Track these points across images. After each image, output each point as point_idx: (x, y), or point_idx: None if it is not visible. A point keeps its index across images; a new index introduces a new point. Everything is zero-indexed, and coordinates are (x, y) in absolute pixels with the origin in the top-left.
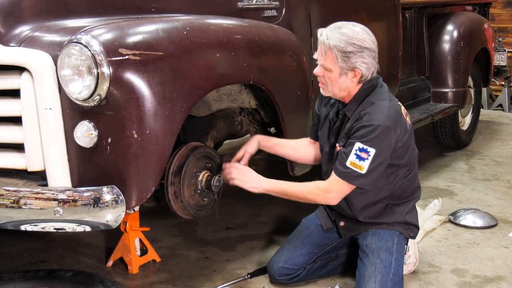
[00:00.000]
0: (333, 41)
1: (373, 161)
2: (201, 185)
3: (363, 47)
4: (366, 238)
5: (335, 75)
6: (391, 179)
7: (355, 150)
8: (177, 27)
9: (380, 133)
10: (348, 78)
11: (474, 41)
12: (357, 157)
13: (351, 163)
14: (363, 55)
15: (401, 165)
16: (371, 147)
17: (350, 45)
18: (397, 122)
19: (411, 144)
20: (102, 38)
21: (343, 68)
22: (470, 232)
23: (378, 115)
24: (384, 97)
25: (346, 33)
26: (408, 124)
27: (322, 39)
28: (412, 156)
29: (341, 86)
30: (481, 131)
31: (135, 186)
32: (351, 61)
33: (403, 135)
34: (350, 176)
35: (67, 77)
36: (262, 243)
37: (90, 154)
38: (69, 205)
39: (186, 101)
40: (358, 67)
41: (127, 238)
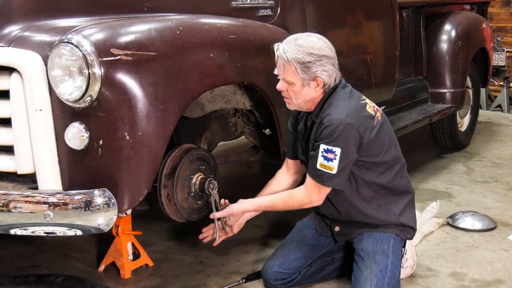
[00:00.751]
0: (290, 53)
1: (341, 160)
2: (194, 188)
3: (321, 55)
4: (362, 242)
5: (298, 87)
6: (373, 177)
7: (321, 152)
8: (170, 27)
9: (342, 131)
10: (311, 88)
11: (472, 40)
12: (325, 159)
13: (321, 165)
14: (322, 63)
15: (378, 162)
16: (335, 147)
17: (308, 55)
18: (358, 119)
19: (387, 139)
20: (93, 38)
21: (304, 79)
22: (469, 235)
23: (337, 114)
24: (344, 97)
25: (302, 44)
26: (377, 119)
27: (279, 53)
28: (391, 152)
29: (305, 97)
30: (480, 132)
31: (127, 189)
32: (311, 70)
33: (369, 131)
34: (323, 178)
35: (57, 77)
36: (257, 247)
37: (81, 157)
38: (60, 208)
39: (179, 102)
40: (319, 75)
41: (119, 242)
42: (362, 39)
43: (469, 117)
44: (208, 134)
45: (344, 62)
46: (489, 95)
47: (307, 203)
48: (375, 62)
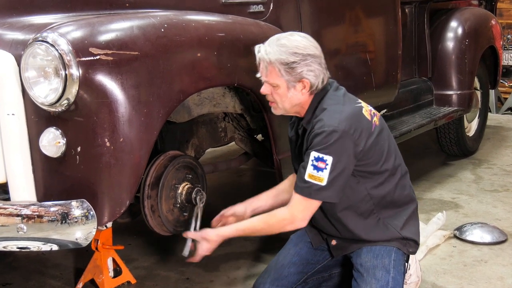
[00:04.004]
0: (273, 55)
1: (333, 170)
2: (180, 198)
3: (306, 54)
4: (360, 256)
5: (283, 90)
6: (370, 187)
7: (312, 161)
8: (153, 24)
9: (335, 139)
10: (297, 90)
11: (480, 38)
12: (315, 168)
13: (310, 176)
14: (307, 62)
15: (377, 172)
16: (327, 155)
17: (292, 55)
18: (353, 125)
19: (386, 147)
20: (71, 36)
21: (289, 81)
22: (477, 248)
23: (330, 120)
24: (337, 101)
25: (285, 44)
26: (375, 125)
27: (261, 55)
28: (390, 160)
29: (291, 100)
30: (489, 138)
31: (107, 199)
32: (296, 71)
33: (366, 138)
34: (311, 191)
35: (31, 79)
36: (248, 262)
37: (58, 165)
38: (34, 221)
39: (164, 106)
40: (305, 76)
41: (99, 257)
42: (361, 37)
43: (477, 121)
44: (195, 140)
45: (342, 62)
46: (498, 97)
47: (288, 223)
48: (375, 62)
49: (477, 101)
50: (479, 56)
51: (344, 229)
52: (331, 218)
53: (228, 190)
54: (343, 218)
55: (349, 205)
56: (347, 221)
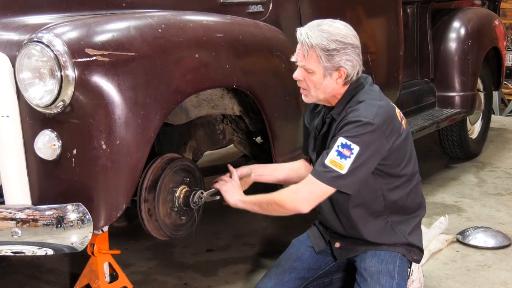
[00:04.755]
0: (314, 39)
1: (356, 161)
2: (178, 202)
3: (346, 43)
4: (365, 260)
5: (319, 77)
6: (385, 189)
7: (337, 146)
8: (151, 25)
9: (367, 130)
10: (333, 79)
11: (483, 39)
12: (339, 154)
13: (331, 161)
14: (347, 51)
15: (396, 175)
16: (355, 144)
17: (333, 42)
18: (387, 122)
19: (409, 152)
20: (66, 36)
21: (327, 68)
22: (481, 253)
23: (366, 112)
24: (374, 96)
25: (327, 30)
26: (403, 128)
27: (303, 38)
28: (410, 165)
29: (325, 89)
30: (493, 140)
31: (103, 203)
32: (335, 59)
33: (395, 138)
34: (327, 176)
35: (26, 80)
36: (247, 267)
37: (53, 168)
38: (29, 225)
39: (161, 108)
40: (343, 65)
41: (95, 262)
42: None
43: (480, 123)
44: (193, 142)
45: None
46: (502, 99)
47: (288, 200)
48: (376, 62)
49: (480, 103)
50: (482, 57)
51: (351, 227)
52: (340, 214)
53: None
54: (354, 215)
55: (361, 202)
56: (356, 219)
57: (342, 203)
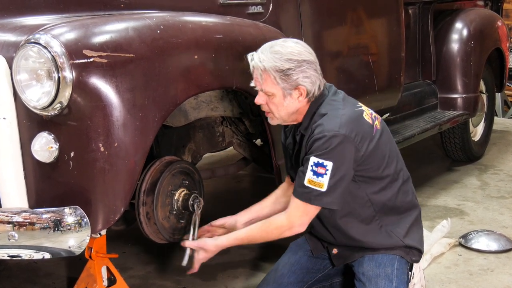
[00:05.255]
0: (267, 62)
1: (333, 176)
2: (177, 205)
3: (301, 60)
4: (362, 265)
5: (279, 98)
6: (371, 193)
7: (311, 166)
8: (149, 26)
9: (335, 144)
10: (293, 98)
11: (486, 40)
12: (314, 173)
13: (309, 181)
14: (303, 69)
15: (379, 177)
16: (327, 160)
17: (286, 62)
18: (354, 129)
19: (387, 152)
20: (64, 38)
21: (285, 88)
22: (484, 257)
23: (330, 125)
24: (337, 106)
25: (279, 51)
26: (376, 129)
27: (255, 63)
28: (392, 165)
29: (288, 109)
30: (495, 142)
31: (101, 206)
32: (292, 78)
33: (367, 143)
34: (310, 196)
35: (23, 82)
36: (246, 271)
37: (50, 170)
38: (26, 228)
39: (159, 110)
40: (301, 83)
41: (93, 266)
42: (363, 39)
43: (483, 125)
44: (192, 145)
45: (343, 64)
46: (505, 101)
47: (286, 229)
48: (378, 64)
49: (482, 105)
50: (484, 58)
51: (344, 237)
52: (329, 227)
53: (226, 196)
54: (343, 225)
55: (349, 211)
56: (347, 228)
57: (329, 216)
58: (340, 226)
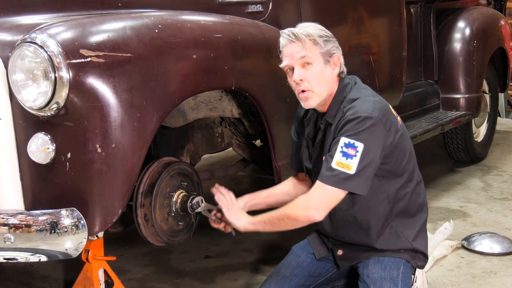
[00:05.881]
0: (309, 29)
1: (363, 159)
2: (175, 207)
3: (330, 34)
4: (368, 267)
5: (320, 66)
6: (390, 190)
7: (341, 147)
8: (147, 25)
9: (368, 125)
10: (331, 68)
11: (489, 39)
12: (344, 155)
13: (338, 163)
14: (334, 40)
15: (399, 173)
16: (358, 141)
17: (322, 31)
18: (385, 115)
19: (408, 149)
20: (61, 37)
21: (325, 54)
22: (487, 259)
23: (364, 107)
24: (368, 93)
25: (311, 25)
26: (399, 123)
27: (297, 32)
28: (411, 163)
29: (327, 81)
30: (499, 143)
31: (98, 208)
32: (329, 45)
33: (394, 132)
34: (337, 179)
35: (19, 82)
36: (246, 274)
37: (47, 172)
38: (22, 231)
39: (158, 110)
40: (336, 52)
41: (90, 269)
42: (364, 38)
43: (486, 126)
44: (191, 145)
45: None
46: (508, 101)
47: (301, 211)
48: (379, 64)
49: (485, 105)
50: (487, 58)
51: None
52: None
53: None
54: (358, 221)
55: (367, 206)
56: (361, 225)
57: (346, 209)
58: (354, 221)
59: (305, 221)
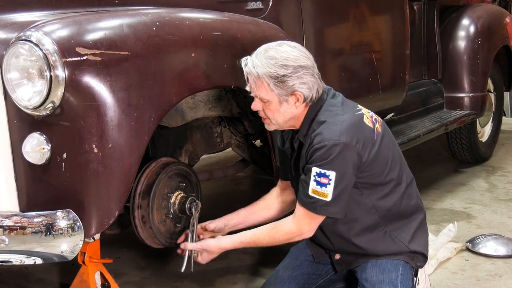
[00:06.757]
0: (261, 68)
1: (337, 186)
2: (173, 208)
3: (297, 66)
4: (366, 270)
5: (275, 105)
6: (375, 199)
7: (314, 176)
8: (145, 22)
9: (336, 152)
10: (290, 104)
11: (494, 37)
12: (318, 184)
13: (313, 191)
14: (299, 75)
15: (383, 183)
16: (329, 170)
17: (281, 68)
18: (355, 136)
19: (390, 156)
20: (56, 35)
21: (281, 95)
22: (491, 262)
23: (329, 133)
24: (336, 111)
25: (273, 56)
26: (377, 132)
27: (248, 69)
28: (395, 169)
29: (285, 115)
30: (504, 143)
31: (95, 210)
32: (287, 85)
33: (369, 149)
34: (316, 206)
35: (14, 81)
36: (246, 277)
37: (42, 172)
38: (16, 233)
39: (155, 110)
40: (297, 89)
41: (86, 272)
42: (367, 36)
43: (491, 125)
44: (189, 146)
45: (346, 62)
46: None
47: (296, 236)
48: (382, 62)
49: (490, 104)
50: (492, 56)
51: (345, 245)
52: (330, 234)
53: (225, 199)
54: (345, 233)
55: (353, 218)
56: (349, 236)
57: (331, 224)
58: (342, 233)
59: (296, 239)
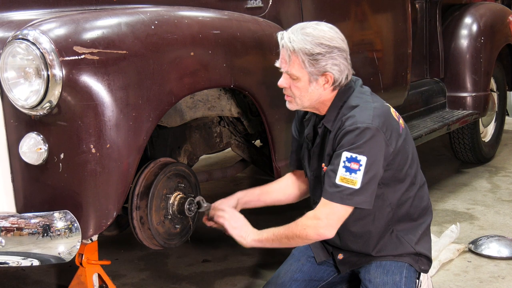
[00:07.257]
0: (297, 43)
1: (367, 172)
2: (172, 209)
3: (332, 46)
4: (369, 272)
5: (304, 83)
6: (392, 198)
7: (343, 162)
8: (143, 21)
9: (368, 137)
10: (319, 85)
11: (497, 36)
12: (347, 170)
13: (341, 179)
14: (333, 55)
15: (401, 179)
16: (361, 155)
17: (317, 46)
18: (385, 123)
19: (410, 152)
20: (53, 33)
21: (312, 73)
22: (494, 263)
23: (362, 117)
24: (366, 99)
25: (311, 33)
26: (402, 127)
27: (284, 43)
28: (413, 167)
29: (312, 96)
30: (507, 143)
31: (93, 211)
32: (320, 64)
33: (395, 139)
34: (342, 195)
35: (11, 80)
36: (246, 279)
37: (39, 173)
38: (13, 234)
39: (154, 109)
40: (329, 70)
41: (83, 273)
42: (368, 35)
43: (493, 125)
44: (188, 146)
45: None
46: None
47: (311, 228)
48: (383, 61)
49: (493, 104)
50: (495, 55)
51: (353, 242)
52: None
53: None
54: (356, 229)
55: (366, 214)
56: (360, 233)
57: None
58: (352, 229)
59: (316, 239)
